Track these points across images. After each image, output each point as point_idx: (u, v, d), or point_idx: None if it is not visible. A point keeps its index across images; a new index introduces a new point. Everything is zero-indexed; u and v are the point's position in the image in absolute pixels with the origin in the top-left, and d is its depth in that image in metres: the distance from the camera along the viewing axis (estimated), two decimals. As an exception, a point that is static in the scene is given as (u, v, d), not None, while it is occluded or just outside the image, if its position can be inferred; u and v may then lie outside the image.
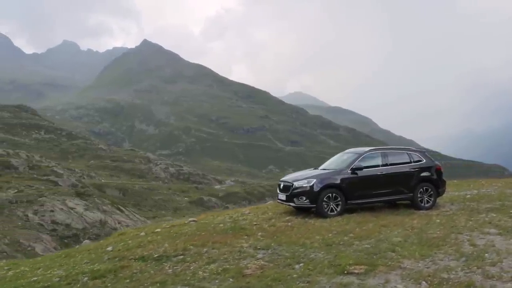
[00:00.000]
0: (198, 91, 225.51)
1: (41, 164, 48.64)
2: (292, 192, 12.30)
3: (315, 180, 12.16)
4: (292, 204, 12.49)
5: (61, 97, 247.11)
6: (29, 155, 62.94)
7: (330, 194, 11.98)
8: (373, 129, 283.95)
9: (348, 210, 12.42)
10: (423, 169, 13.14)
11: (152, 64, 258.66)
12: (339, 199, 12.03)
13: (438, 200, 13.79)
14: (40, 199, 32.42)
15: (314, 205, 11.95)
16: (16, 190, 33.23)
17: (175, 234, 11.27)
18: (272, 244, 9.25)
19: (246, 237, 10.12)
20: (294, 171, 23.46)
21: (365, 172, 12.42)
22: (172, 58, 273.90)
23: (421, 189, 12.89)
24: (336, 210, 12.01)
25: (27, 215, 29.71)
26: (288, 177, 13.18)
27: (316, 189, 11.97)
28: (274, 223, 11.63)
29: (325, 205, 11.93)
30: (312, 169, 14.00)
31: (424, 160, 13.34)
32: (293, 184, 12.40)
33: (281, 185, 12.92)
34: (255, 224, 11.62)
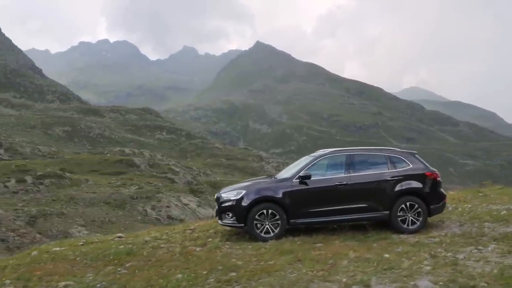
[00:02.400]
0: (310, 90, 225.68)
1: (160, 163, 52.27)
2: (220, 207, 9.38)
3: (244, 191, 9.09)
4: (220, 221, 9.52)
5: (182, 99, 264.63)
6: (152, 154, 68.18)
7: (265, 211, 8.84)
8: (498, 124, 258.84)
9: (301, 230, 9.33)
10: (406, 177, 9.20)
11: (265, 64, 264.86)
12: (277, 217, 8.84)
13: (443, 217, 10.18)
14: (158, 195, 34.70)
15: (242, 225, 8.97)
16: (137, 187, 35.93)
17: (41, 259, 8.79)
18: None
19: (91, 269, 7.61)
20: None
21: (318, 182, 9.06)
22: (285, 58, 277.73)
23: (404, 205, 9.04)
24: (273, 231, 8.82)
25: (146, 210, 31.99)
26: (229, 187, 10.15)
27: (244, 203, 8.90)
28: (173, 249, 8.87)
29: (259, 225, 8.84)
30: (265, 176, 11.22)
31: (411, 165, 9.38)
32: (221, 196, 9.54)
33: (215, 197, 9.99)
34: (155, 248, 9.12)
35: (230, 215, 9.07)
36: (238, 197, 9.01)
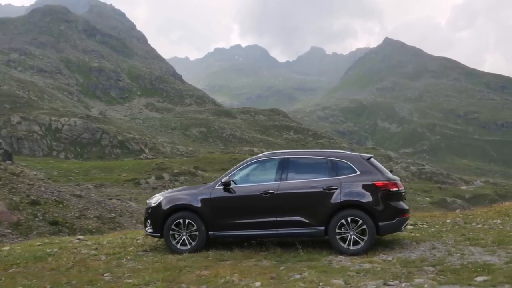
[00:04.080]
0: (443, 86, 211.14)
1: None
2: (145, 214, 8.60)
3: (162, 198, 8.25)
4: (145, 229, 8.66)
5: (310, 99, 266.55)
6: (279, 154, 70.16)
7: (182, 220, 7.87)
8: None
9: (235, 242, 8.31)
10: (348, 186, 7.47)
11: (394, 61, 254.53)
12: (195, 227, 7.83)
13: (437, 235, 8.55)
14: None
15: (158, 234, 8.08)
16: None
17: None
18: None
19: None
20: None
21: (242, 189, 7.83)
22: (415, 53, 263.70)
23: (344, 221, 7.34)
24: (190, 244, 7.84)
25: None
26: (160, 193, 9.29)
27: (160, 211, 8.02)
28: (75, 256, 8.20)
29: (176, 235, 7.92)
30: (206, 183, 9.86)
31: (358, 172, 7.58)
32: (147, 202, 8.76)
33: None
34: (71, 254, 8.48)
35: (149, 223, 8.24)
36: (155, 204, 8.19)
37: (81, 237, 10.67)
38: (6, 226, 16.79)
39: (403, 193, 7.81)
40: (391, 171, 8.09)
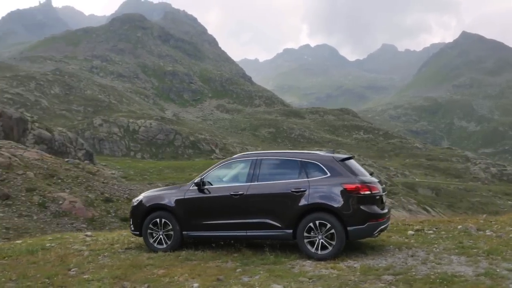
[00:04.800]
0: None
1: (355, 163, 52.82)
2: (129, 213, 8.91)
3: (142, 197, 8.52)
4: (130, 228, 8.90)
5: (381, 98, 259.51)
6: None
7: (158, 220, 8.06)
8: None
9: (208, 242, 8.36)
10: (317, 189, 7.24)
11: (472, 56, 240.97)
12: (170, 227, 7.99)
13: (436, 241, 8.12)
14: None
15: (138, 233, 8.32)
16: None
17: None
18: None
19: None
20: None
21: (215, 190, 7.86)
22: (495, 47, 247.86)
23: (312, 224, 7.13)
24: (166, 242, 8.00)
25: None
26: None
27: (139, 211, 8.30)
28: (63, 252, 8.49)
29: (154, 234, 8.10)
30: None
31: (328, 174, 7.34)
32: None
33: None
34: (63, 249, 8.78)
35: (131, 221, 8.53)
36: (136, 204, 8.47)
37: (88, 233, 11.04)
38: (81, 221, 18.13)
39: (378, 197, 7.37)
40: (371, 174, 7.93)
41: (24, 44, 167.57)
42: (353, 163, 7.78)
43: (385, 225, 7.57)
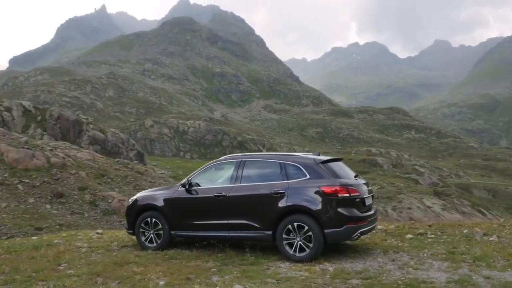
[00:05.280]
0: None
1: (405, 163, 51.55)
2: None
3: (135, 197, 8.74)
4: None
5: (434, 96, 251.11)
6: (399, 154, 67.68)
7: (149, 219, 8.24)
8: None
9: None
10: (295, 191, 7.21)
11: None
12: (160, 226, 8.15)
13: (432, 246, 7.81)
14: (399, 196, 34.79)
15: (132, 231, 8.55)
16: (378, 187, 36.75)
17: None
18: None
19: None
20: None
21: (201, 191, 7.96)
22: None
23: (290, 226, 7.11)
24: (156, 241, 8.18)
25: (386, 210, 32.54)
26: None
27: (132, 210, 8.53)
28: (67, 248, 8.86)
29: (146, 233, 8.27)
30: None
31: (308, 176, 7.28)
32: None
33: None
34: (68, 245, 9.13)
35: (126, 220, 8.89)
36: (130, 203, 8.73)
37: (99, 231, 11.32)
38: (129, 220, 18.81)
39: (357, 200, 7.27)
40: (356, 176, 7.81)
41: (81, 50, 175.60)
42: (338, 165, 7.75)
43: (366, 228, 7.44)
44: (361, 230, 7.21)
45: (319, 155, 7.91)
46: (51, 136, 36.85)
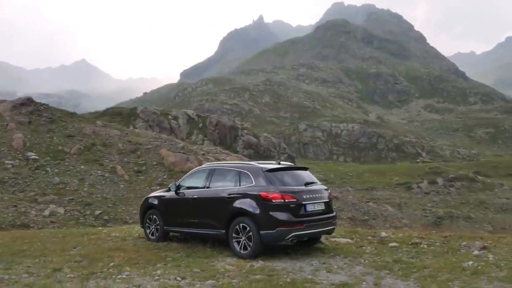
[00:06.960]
0: None
1: None
2: None
3: (146, 197, 10.56)
4: None
5: None
6: None
7: (151, 216, 9.87)
8: None
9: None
10: (242, 196, 8.16)
11: None
12: (158, 222, 9.74)
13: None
14: None
15: (141, 226, 10.38)
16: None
17: None
18: None
19: None
20: None
21: (185, 193, 9.33)
22: None
23: (238, 226, 8.06)
24: (155, 235, 9.78)
25: None
26: None
27: (142, 208, 10.31)
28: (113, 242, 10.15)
29: (151, 227, 9.87)
30: None
31: (254, 183, 8.16)
32: None
33: None
34: (116, 238, 10.59)
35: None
36: (142, 202, 10.43)
37: None
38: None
39: (293, 205, 7.87)
40: (308, 184, 8.29)
41: (240, 60, 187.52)
42: (289, 173, 8.53)
43: (304, 232, 8.02)
44: (296, 233, 7.88)
45: (279, 163, 8.85)
46: (211, 141, 39.96)
